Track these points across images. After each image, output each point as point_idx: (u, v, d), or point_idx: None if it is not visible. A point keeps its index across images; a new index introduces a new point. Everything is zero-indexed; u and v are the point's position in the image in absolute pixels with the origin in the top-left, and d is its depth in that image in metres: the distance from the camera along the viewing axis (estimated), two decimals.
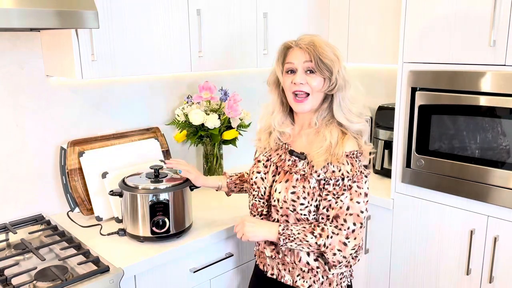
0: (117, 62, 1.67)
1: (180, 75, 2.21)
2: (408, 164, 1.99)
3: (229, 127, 2.13)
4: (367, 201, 1.37)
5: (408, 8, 1.88)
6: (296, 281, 1.45)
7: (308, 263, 1.43)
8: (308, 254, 1.41)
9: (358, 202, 1.34)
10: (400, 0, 1.94)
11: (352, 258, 1.38)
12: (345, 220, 1.34)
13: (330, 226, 1.35)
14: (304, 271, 1.44)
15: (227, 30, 2.00)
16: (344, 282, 1.46)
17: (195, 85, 2.24)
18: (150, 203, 1.59)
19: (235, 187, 1.74)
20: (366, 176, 1.39)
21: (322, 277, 1.42)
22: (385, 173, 2.29)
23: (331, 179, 1.35)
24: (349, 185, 1.35)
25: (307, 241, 1.35)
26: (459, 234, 1.88)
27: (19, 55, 1.73)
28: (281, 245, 1.39)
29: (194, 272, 1.69)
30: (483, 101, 1.73)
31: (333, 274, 1.41)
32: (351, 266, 1.42)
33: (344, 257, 1.35)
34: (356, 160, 1.38)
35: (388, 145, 2.24)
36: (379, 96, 2.62)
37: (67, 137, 1.88)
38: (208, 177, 1.78)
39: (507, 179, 1.71)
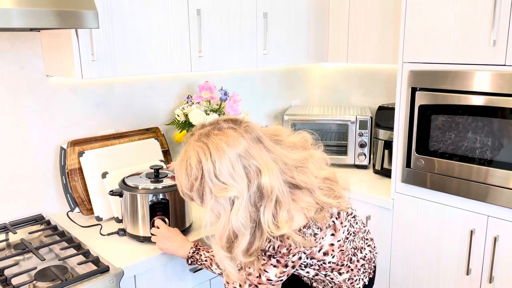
0: (117, 62, 1.67)
1: (180, 75, 2.21)
2: (408, 164, 1.99)
3: None
4: (284, 272, 1.28)
5: (408, 8, 1.88)
6: (312, 283, 1.48)
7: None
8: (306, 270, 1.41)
9: (266, 271, 1.27)
10: (400, 0, 1.94)
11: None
12: (249, 274, 1.30)
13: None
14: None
15: (227, 30, 2.00)
16: (358, 284, 1.43)
17: (195, 85, 2.24)
18: (150, 203, 1.59)
19: None
20: (301, 253, 1.26)
21: (330, 282, 1.43)
22: (385, 173, 2.29)
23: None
24: (268, 255, 1.27)
25: (212, 269, 1.46)
26: (459, 234, 1.88)
27: (19, 55, 1.73)
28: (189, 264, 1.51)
29: (194, 272, 1.69)
30: (483, 101, 1.73)
31: (339, 280, 1.41)
32: (351, 270, 1.40)
33: None
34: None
35: (388, 145, 2.24)
36: (379, 96, 2.62)
37: (67, 137, 1.88)
38: None
39: (507, 179, 1.71)
